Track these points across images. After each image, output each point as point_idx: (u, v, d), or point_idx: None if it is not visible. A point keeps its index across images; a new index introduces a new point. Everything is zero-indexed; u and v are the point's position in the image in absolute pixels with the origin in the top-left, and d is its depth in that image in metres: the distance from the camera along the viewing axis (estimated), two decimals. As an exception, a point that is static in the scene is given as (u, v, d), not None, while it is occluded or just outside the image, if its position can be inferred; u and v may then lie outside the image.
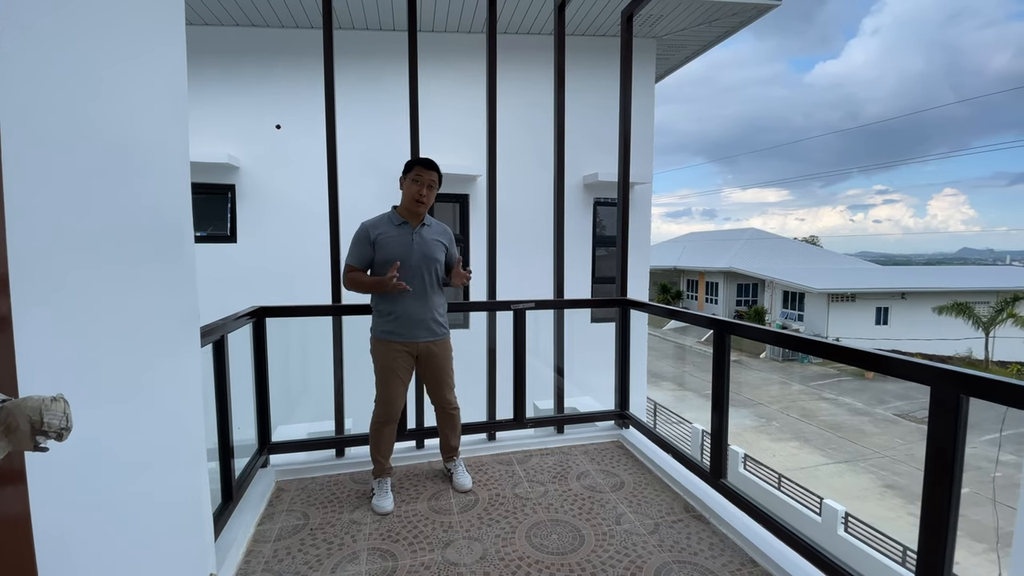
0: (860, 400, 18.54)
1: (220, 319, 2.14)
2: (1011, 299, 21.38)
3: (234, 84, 5.70)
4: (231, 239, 5.78)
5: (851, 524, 8.28)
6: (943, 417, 1.36)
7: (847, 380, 21.11)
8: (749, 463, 10.71)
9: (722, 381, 2.30)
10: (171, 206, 1.32)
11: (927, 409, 1.39)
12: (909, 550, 7.64)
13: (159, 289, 1.24)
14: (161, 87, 1.27)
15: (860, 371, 21.79)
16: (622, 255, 3.31)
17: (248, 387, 2.69)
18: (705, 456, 8.00)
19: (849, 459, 13.72)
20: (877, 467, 13.23)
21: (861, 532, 8.17)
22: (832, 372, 22.17)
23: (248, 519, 2.22)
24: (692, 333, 29.22)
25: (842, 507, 8.44)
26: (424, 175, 2.37)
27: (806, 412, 17.34)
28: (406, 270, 2.34)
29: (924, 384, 1.43)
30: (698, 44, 7.09)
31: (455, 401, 2.59)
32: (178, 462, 1.34)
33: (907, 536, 9.42)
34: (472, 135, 5.92)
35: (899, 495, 11.88)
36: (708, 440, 11.24)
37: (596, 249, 6.68)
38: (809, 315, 26.57)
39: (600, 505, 2.43)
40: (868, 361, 1.64)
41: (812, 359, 23.36)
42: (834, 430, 15.67)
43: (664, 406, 14.59)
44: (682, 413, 14.48)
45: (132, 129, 1.12)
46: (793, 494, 9.63)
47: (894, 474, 12.85)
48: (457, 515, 2.34)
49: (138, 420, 1.13)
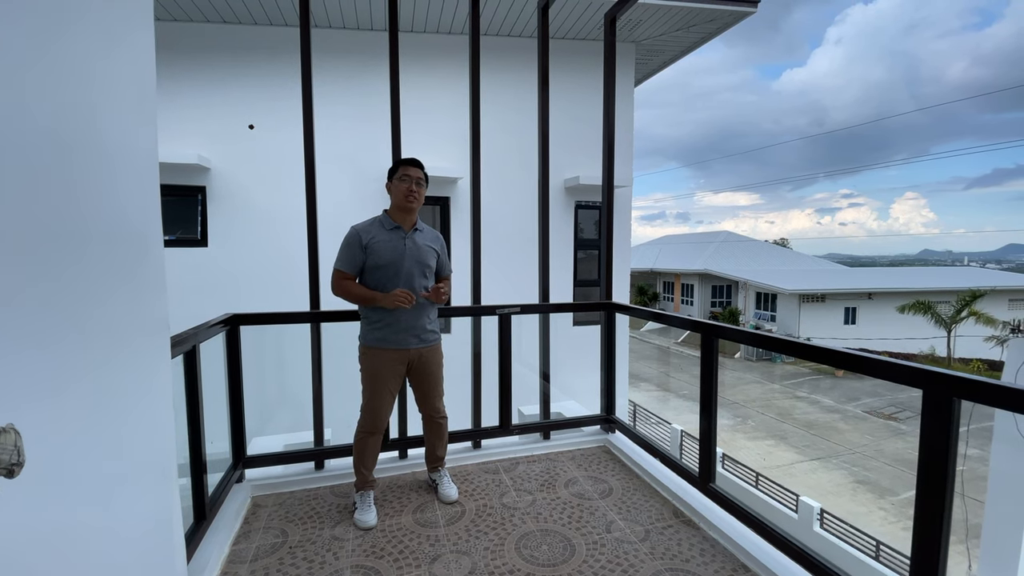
0: (831, 398, 19.05)
1: (191, 328, 2.02)
2: (971, 298, 22.27)
3: (205, 82, 5.49)
4: (202, 243, 5.57)
5: (826, 520, 8.47)
6: (937, 420, 1.36)
7: (819, 378, 21.67)
8: (727, 462, 10.88)
9: (710, 385, 2.29)
10: (138, 208, 1.23)
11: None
12: (882, 544, 7.84)
13: (125, 298, 1.15)
14: (127, 81, 1.18)
15: (831, 369, 22.42)
16: (607, 258, 3.29)
17: (221, 398, 2.57)
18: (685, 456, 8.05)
19: (822, 456, 14.06)
20: (849, 463, 13.60)
21: (836, 528, 8.35)
22: (804, 371, 22.74)
23: (222, 538, 2.11)
24: (670, 334, 29.61)
25: (817, 504, 8.63)
26: (411, 172, 2.30)
27: (780, 410, 17.72)
28: (399, 276, 2.27)
29: (916, 387, 1.43)
30: (675, 50, 7.17)
31: (443, 409, 2.52)
32: (147, 484, 1.25)
33: (878, 530, 9.69)
34: (452, 136, 5.85)
35: (870, 490, 12.22)
36: (685, 440, 11.39)
37: (577, 252, 6.68)
38: (781, 315, 27.22)
39: (590, 513, 2.39)
40: (864, 365, 1.63)
41: (785, 359, 23.92)
42: (808, 428, 16.05)
43: (644, 407, 14.72)
44: (662, 414, 14.64)
45: (93, 126, 1.03)
46: (770, 492, 9.80)
47: (865, 470, 13.22)
48: (444, 528, 2.26)
49: (104, 442, 1.03)
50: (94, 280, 1.02)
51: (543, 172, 3.17)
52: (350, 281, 2.29)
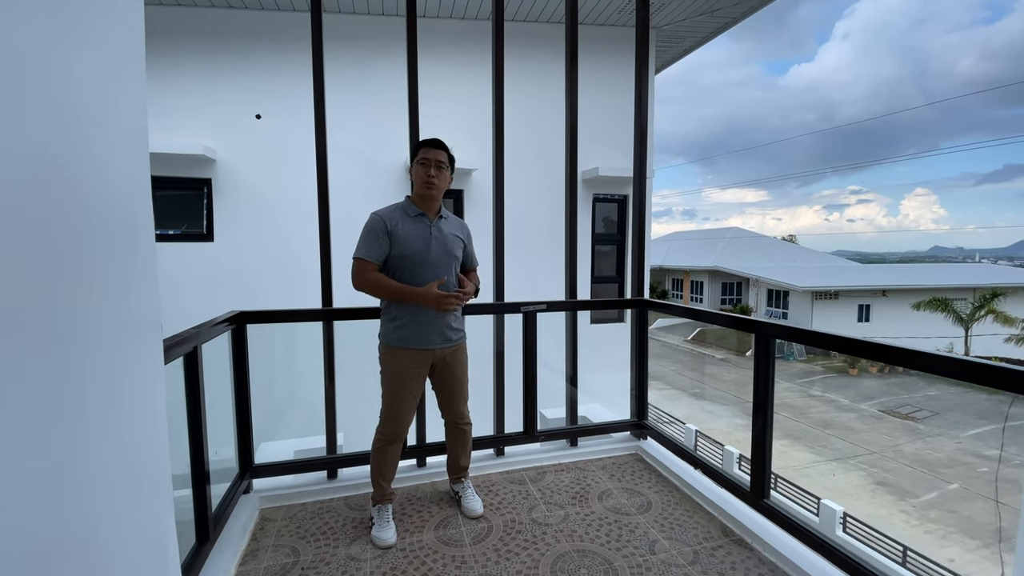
0: (846, 397, 18.70)
1: (192, 328, 1.82)
2: (990, 295, 21.80)
3: (210, 70, 5.28)
4: (207, 237, 5.38)
5: (849, 524, 8.20)
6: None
7: (832, 377, 21.32)
8: (743, 463, 10.62)
9: (766, 391, 2.06)
10: (125, 191, 1.01)
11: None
12: (909, 550, 7.57)
13: (110, 297, 0.94)
14: (108, 43, 0.96)
15: (844, 368, 22.05)
16: (638, 252, 3.06)
17: (227, 402, 2.37)
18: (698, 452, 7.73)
19: (839, 457, 13.75)
20: (867, 464, 13.28)
21: (860, 532, 8.08)
22: (817, 369, 22.38)
23: (228, 559, 1.91)
24: (678, 331, 29.29)
25: (840, 507, 8.36)
26: (430, 154, 2.07)
27: (795, 409, 17.41)
28: (425, 267, 2.04)
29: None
30: (696, 37, 6.90)
31: (468, 415, 2.31)
32: (137, 509, 1.04)
33: (900, 534, 9.41)
34: (467, 127, 5.62)
35: (890, 492, 11.92)
36: (701, 440, 11.13)
37: (596, 247, 6.44)
38: (793, 312, 26.83)
39: (629, 531, 2.17)
40: (942, 366, 1.40)
41: (797, 356, 23.57)
42: (823, 427, 15.73)
43: (655, 406, 14.48)
44: (673, 412, 14.39)
45: (68, 99, 0.82)
46: (790, 494, 9.54)
47: (884, 471, 12.91)
48: (470, 547, 2.05)
49: (85, 463, 0.83)
50: (73, 274, 0.81)
51: (570, 163, 2.94)
52: (377, 273, 2.03)
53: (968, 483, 12.18)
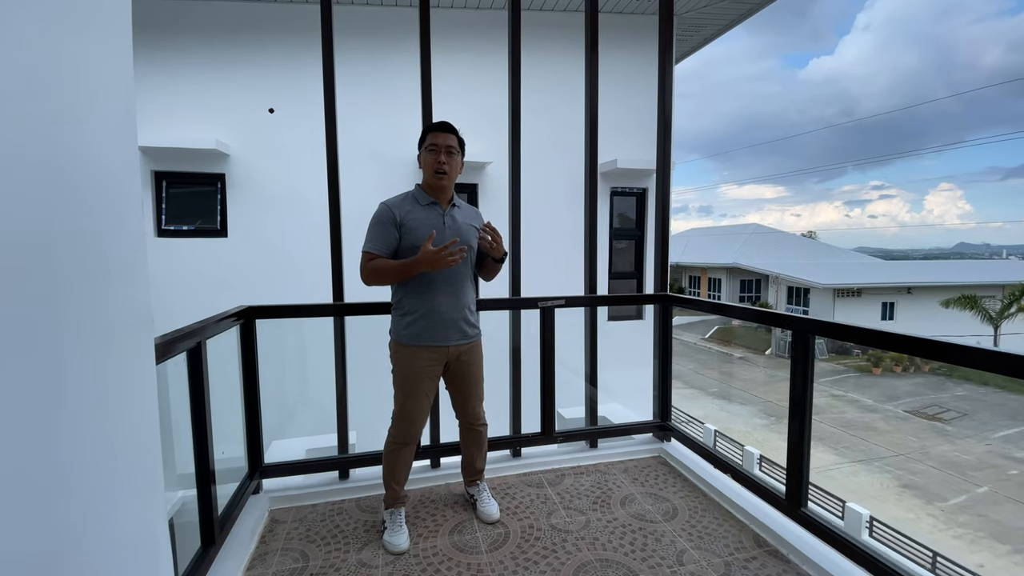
0: (870, 397, 18.21)
1: (195, 323, 1.74)
2: (1020, 292, 21.04)
3: (223, 64, 5.24)
4: (221, 233, 5.36)
5: (876, 528, 7.94)
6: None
7: (855, 376, 20.79)
8: (764, 464, 10.37)
9: (804, 392, 1.92)
10: (108, 179, 0.92)
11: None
12: (939, 556, 7.29)
13: (92, 291, 0.85)
14: (93, 35, 0.87)
15: (867, 367, 21.49)
16: (662, 246, 2.92)
17: (236, 399, 2.30)
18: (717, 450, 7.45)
19: (863, 458, 13.38)
20: (892, 466, 12.90)
21: (887, 536, 7.82)
22: (840, 368, 21.85)
23: (234, 564, 1.83)
24: (696, 329, 28.88)
25: (866, 511, 8.09)
26: (439, 139, 1.95)
27: (817, 409, 16.98)
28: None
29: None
30: (716, 25, 6.68)
31: (484, 416, 2.20)
32: (126, 515, 0.95)
33: (928, 538, 9.09)
34: (480, 119, 5.51)
35: (917, 495, 11.55)
36: (720, 440, 10.90)
37: (613, 242, 6.28)
38: (815, 310, 26.22)
39: (655, 539, 2.04)
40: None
41: (819, 355, 23.06)
42: (846, 428, 15.34)
43: (674, 406, 14.24)
44: (691, 412, 14.14)
45: (53, 85, 0.72)
46: (813, 497, 9.28)
47: (910, 473, 12.52)
48: (486, 554, 1.95)
49: (66, 467, 0.74)
50: (53, 266, 0.72)
51: (591, 155, 2.80)
52: (381, 259, 1.91)
53: (998, 486, 11.75)
